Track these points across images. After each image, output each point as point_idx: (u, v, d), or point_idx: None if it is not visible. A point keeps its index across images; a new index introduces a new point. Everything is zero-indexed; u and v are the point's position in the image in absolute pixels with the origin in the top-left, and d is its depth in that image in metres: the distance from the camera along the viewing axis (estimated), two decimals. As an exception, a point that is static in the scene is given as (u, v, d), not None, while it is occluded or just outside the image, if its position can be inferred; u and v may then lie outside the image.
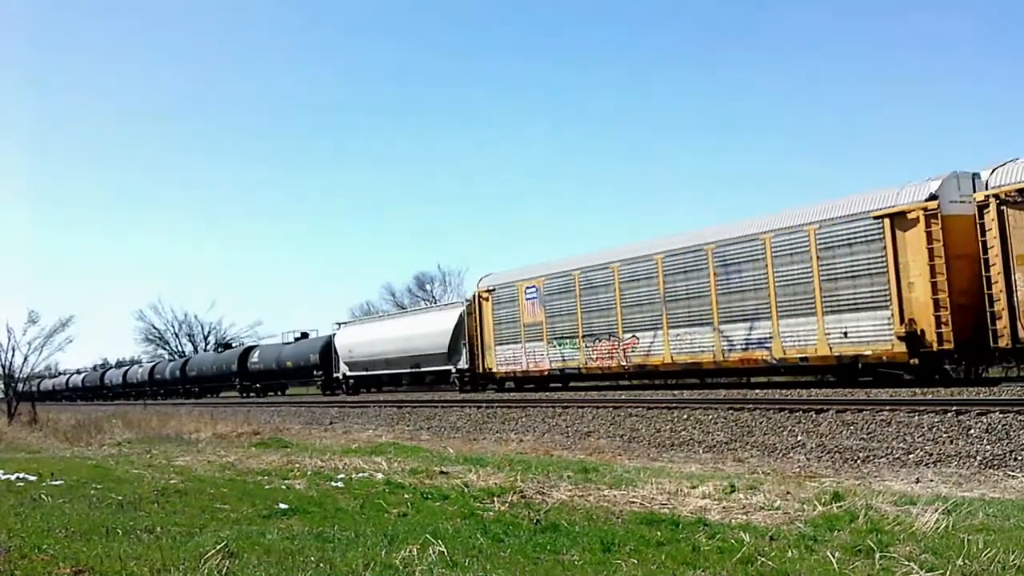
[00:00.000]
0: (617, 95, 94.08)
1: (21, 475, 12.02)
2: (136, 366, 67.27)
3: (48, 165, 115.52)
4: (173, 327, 76.40)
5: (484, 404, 24.54)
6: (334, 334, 39.58)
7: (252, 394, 46.53)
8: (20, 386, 62.68)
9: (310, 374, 41.40)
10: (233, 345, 58.86)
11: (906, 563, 5.97)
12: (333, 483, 11.26)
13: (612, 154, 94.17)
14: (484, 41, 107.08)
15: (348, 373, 37.48)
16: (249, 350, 49.00)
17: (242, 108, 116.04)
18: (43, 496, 9.73)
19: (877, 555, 6.23)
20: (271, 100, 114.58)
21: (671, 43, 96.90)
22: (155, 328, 76.42)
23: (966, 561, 5.99)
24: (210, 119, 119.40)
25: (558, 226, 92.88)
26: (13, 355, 42.44)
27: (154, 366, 61.37)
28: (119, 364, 76.89)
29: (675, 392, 22.49)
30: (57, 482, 11.32)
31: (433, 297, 55.41)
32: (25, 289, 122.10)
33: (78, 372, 76.84)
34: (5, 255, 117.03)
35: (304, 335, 45.08)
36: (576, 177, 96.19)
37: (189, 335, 76.17)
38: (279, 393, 47.70)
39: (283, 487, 10.98)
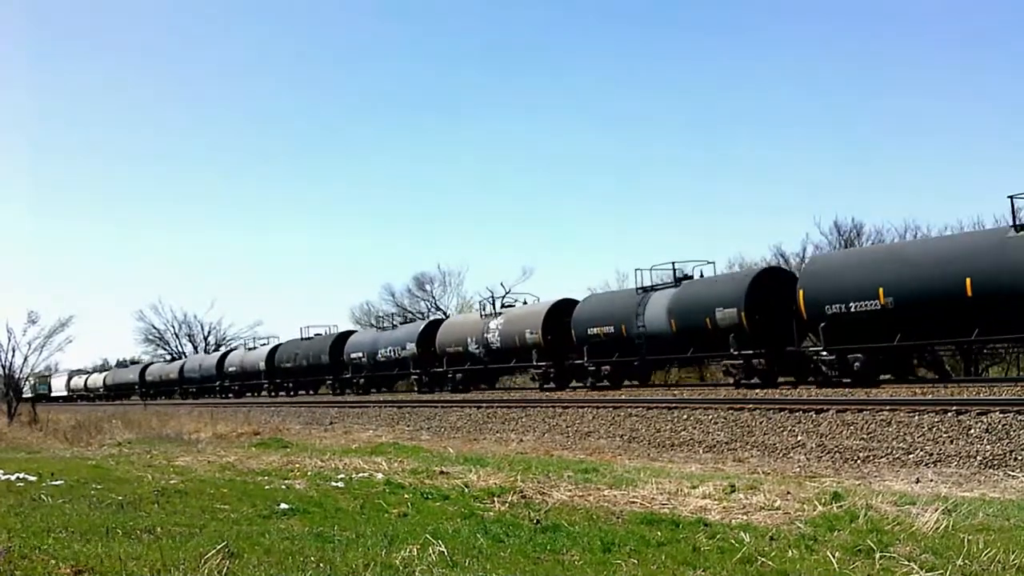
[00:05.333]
0: (618, 95, 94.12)
1: (21, 475, 12.02)
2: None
3: (47, 165, 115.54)
4: (173, 327, 76.20)
5: (484, 404, 24.56)
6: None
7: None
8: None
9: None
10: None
11: (906, 563, 5.97)
12: (333, 483, 11.26)
13: (613, 153, 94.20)
14: (485, 41, 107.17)
15: None
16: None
17: (241, 107, 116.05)
18: (43, 496, 9.73)
19: (877, 555, 6.23)
20: (270, 99, 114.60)
21: (671, 42, 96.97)
22: (155, 328, 76.23)
23: (966, 561, 5.99)
24: (210, 119, 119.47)
25: (558, 226, 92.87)
26: (13, 355, 42.43)
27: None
28: (120, 364, 76.47)
29: (675, 392, 22.50)
30: (57, 482, 11.31)
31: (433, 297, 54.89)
32: (25, 290, 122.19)
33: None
34: (5, 255, 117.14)
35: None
36: (577, 177, 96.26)
37: (189, 335, 76.03)
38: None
39: (283, 487, 10.97)
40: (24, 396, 67.24)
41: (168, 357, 69.65)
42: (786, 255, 35.96)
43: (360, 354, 37.75)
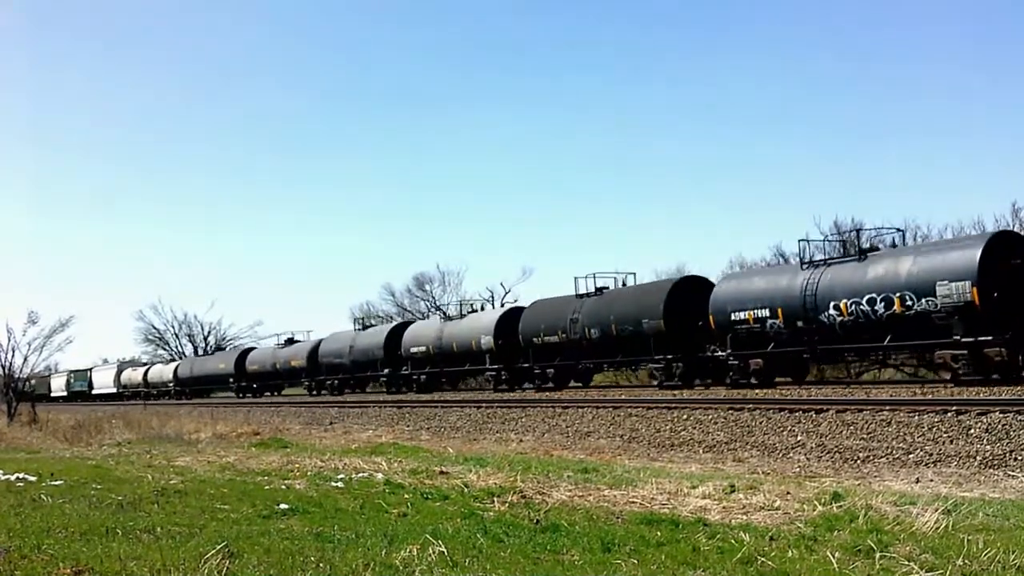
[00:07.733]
0: (619, 94, 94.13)
1: (21, 475, 11.99)
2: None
3: (47, 165, 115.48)
4: (173, 327, 75.98)
5: (484, 404, 24.55)
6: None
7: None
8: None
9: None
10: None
11: (906, 563, 5.97)
12: (333, 483, 11.25)
13: (613, 153, 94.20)
14: (485, 41, 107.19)
15: None
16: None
17: (241, 107, 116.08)
18: (43, 496, 9.72)
19: (877, 555, 6.23)
20: (270, 99, 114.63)
21: (671, 41, 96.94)
22: (155, 328, 76.10)
23: (966, 561, 5.99)
24: (209, 118, 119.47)
25: (558, 226, 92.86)
26: (13, 355, 42.39)
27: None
28: (126, 363, 76.11)
29: (675, 392, 22.49)
30: (57, 482, 11.29)
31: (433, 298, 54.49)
32: (25, 290, 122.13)
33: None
34: (5, 255, 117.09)
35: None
36: (576, 177, 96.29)
37: (189, 335, 75.92)
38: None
39: (283, 487, 10.96)
40: (55, 395, 66.86)
41: (280, 341, 47.39)
42: (786, 255, 35.97)
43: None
